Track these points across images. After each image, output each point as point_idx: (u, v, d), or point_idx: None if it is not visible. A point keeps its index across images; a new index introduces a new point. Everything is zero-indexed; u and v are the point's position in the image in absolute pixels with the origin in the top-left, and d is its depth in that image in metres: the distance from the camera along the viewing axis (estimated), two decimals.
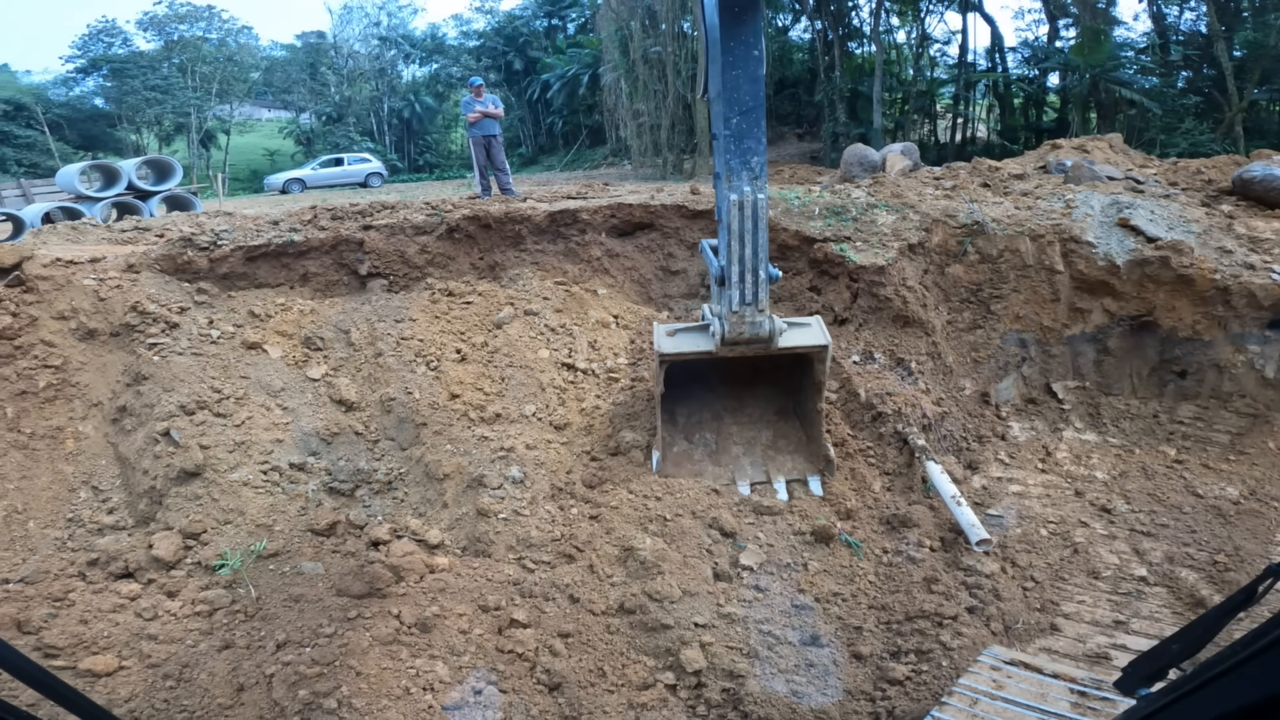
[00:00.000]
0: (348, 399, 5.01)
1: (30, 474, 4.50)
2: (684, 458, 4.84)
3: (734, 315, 4.08)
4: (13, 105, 32.44)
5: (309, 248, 5.70)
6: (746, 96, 3.83)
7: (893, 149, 9.78)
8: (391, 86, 41.08)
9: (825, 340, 4.30)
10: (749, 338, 4.14)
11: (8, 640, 3.48)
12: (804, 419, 4.88)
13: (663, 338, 4.40)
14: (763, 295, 4.05)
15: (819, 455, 4.66)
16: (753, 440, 4.94)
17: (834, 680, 3.52)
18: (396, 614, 3.73)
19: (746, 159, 3.91)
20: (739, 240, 3.92)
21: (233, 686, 3.42)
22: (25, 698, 3.00)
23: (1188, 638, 1.48)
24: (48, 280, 4.75)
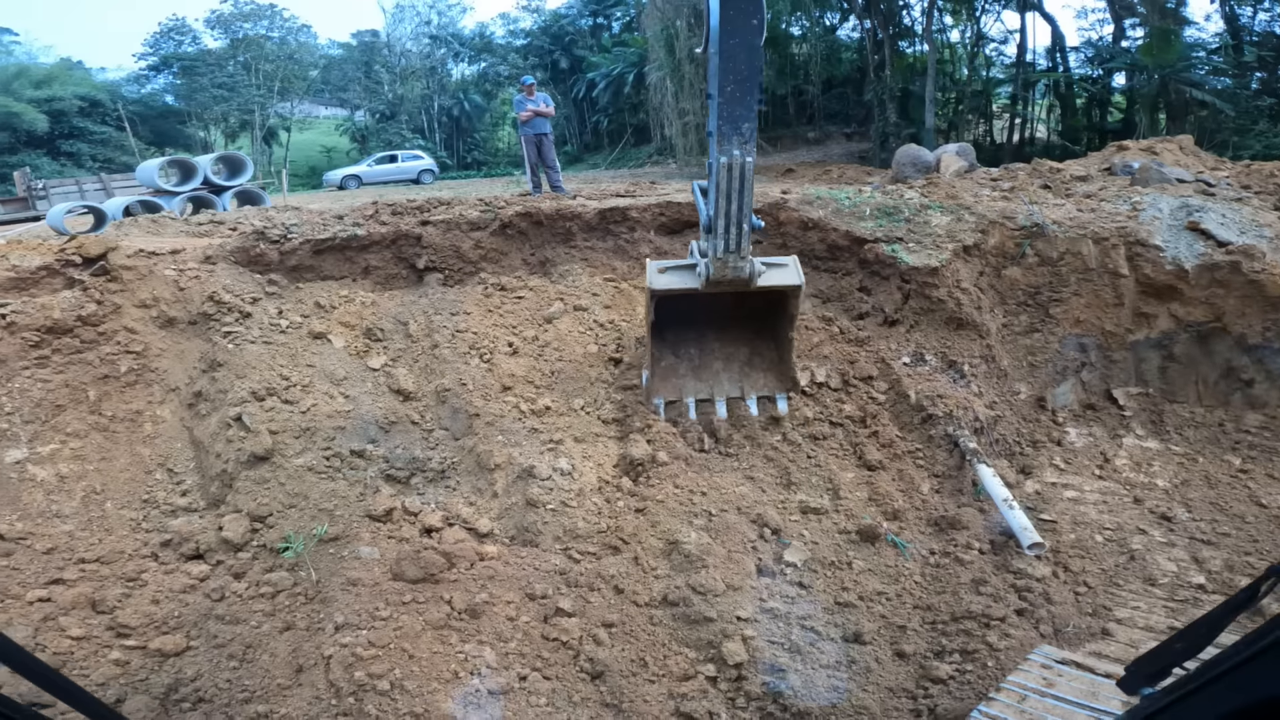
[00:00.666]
0: (405, 389, 5.19)
1: (109, 455, 4.76)
2: (670, 372, 5.39)
3: (719, 260, 4.51)
4: (89, 102, 34.12)
5: (371, 242, 5.92)
6: (742, 65, 3.95)
7: (947, 149, 9.59)
8: (441, 85, 41.86)
9: (800, 280, 4.77)
10: (731, 279, 4.59)
11: (83, 619, 3.73)
12: (778, 344, 5.39)
13: (654, 274, 4.86)
14: (745, 245, 4.47)
15: (788, 377, 5.23)
16: (732, 356, 5.48)
17: (875, 677, 3.51)
18: (448, 599, 3.83)
19: (738, 125, 4.09)
20: (726, 197, 4.25)
21: (292, 667, 3.52)
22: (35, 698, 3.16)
23: (1190, 637, 1.47)
24: (131, 270, 5.04)
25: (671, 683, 3.59)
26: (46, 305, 4.72)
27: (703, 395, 5.28)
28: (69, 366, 4.72)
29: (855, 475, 4.71)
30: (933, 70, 22.19)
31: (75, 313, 4.75)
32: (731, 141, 4.12)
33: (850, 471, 4.74)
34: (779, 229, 6.47)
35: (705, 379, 5.37)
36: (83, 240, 5.08)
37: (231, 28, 39.00)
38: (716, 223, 4.37)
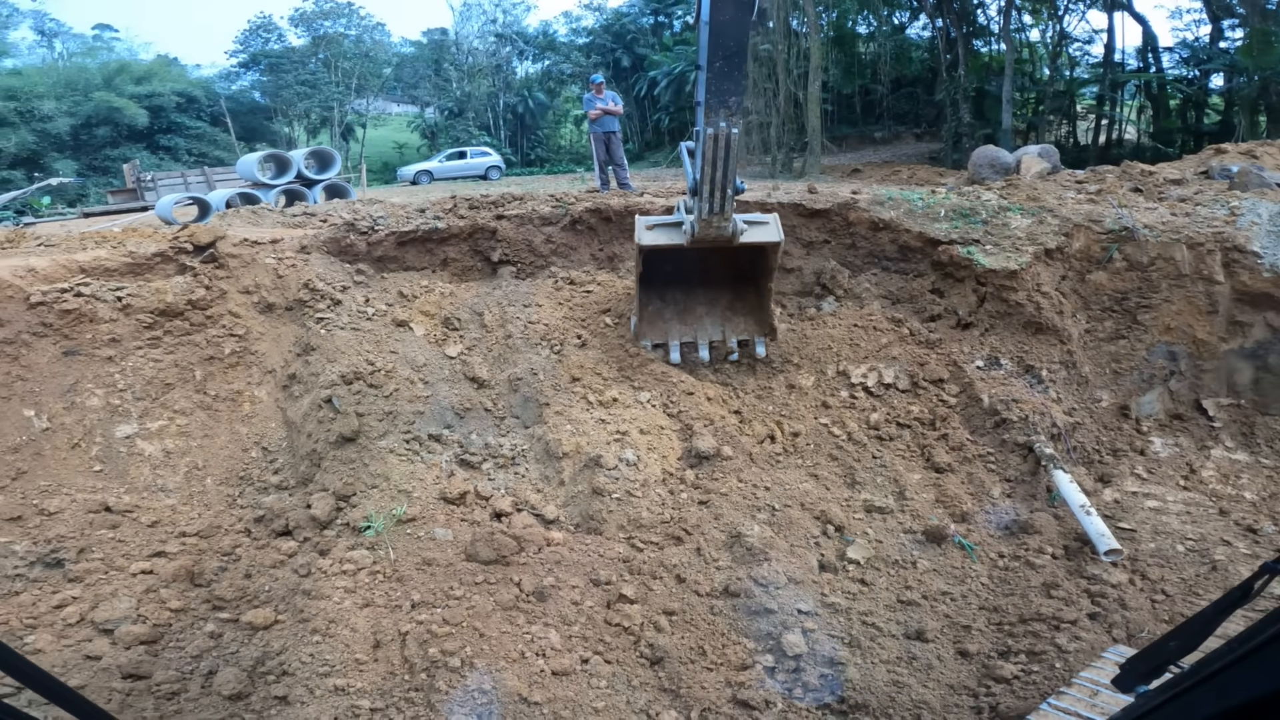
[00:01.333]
0: (479, 377, 5.40)
1: (211, 433, 5.09)
2: (656, 316, 5.79)
3: (703, 221, 4.80)
4: (185, 98, 36.24)
5: (449, 235, 6.17)
6: (731, 41, 4.02)
7: (1029, 151, 9.26)
8: (506, 82, 42.71)
9: (779, 237, 5.09)
10: (714, 237, 4.94)
11: (181, 591, 3.99)
12: (759, 293, 5.72)
13: (643, 230, 5.19)
14: (729, 207, 4.73)
15: (766, 323, 5.64)
16: (715, 300, 5.89)
17: (936, 674, 3.49)
18: (517, 582, 3.93)
19: (725, 98, 4.21)
20: (712, 165, 4.44)
21: (370, 643, 3.59)
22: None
23: (1185, 634, 1.46)
24: (236, 258, 5.41)
25: (729, 671, 3.63)
26: (160, 289, 5.12)
27: (687, 338, 5.70)
28: (179, 347, 5.11)
29: (922, 477, 4.66)
30: (1010, 70, 21.40)
31: (186, 297, 5.13)
32: (719, 114, 4.25)
33: (917, 473, 4.69)
34: (849, 229, 6.41)
35: (689, 323, 5.79)
36: (194, 229, 5.49)
37: (313, 25, 40.77)
38: (702, 188, 4.58)
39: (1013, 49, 22.44)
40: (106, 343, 4.93)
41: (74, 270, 5.06)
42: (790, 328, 5.83)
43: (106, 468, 4.76)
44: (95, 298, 4.94)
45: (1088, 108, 24.95)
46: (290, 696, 3.32)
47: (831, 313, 5.92)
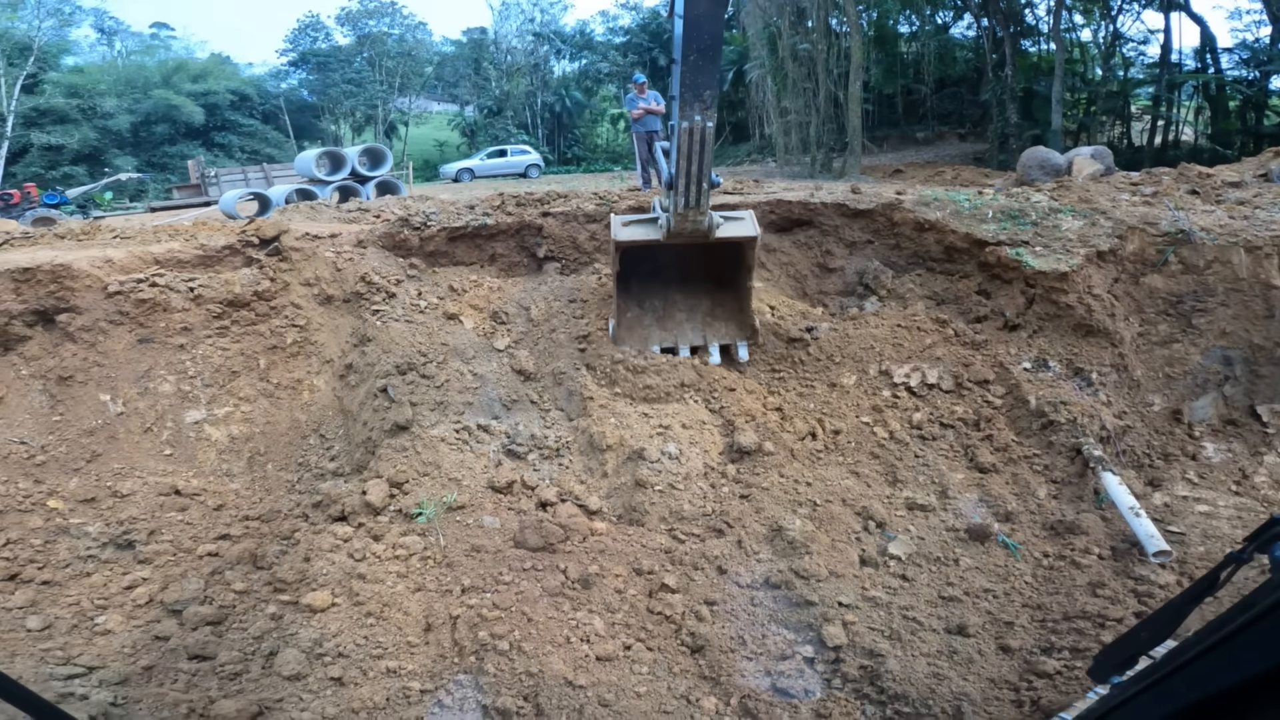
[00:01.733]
0: (526, 369, 5.55)
1: (273, 420, 5.30)
2: (635, 323, 5.69)
3: (679, 215, 4.79)
4: (238, 96, 37.46)
5: (498, 230, 6.34)
6: (706, 36, 4.05)
7: (1081, 152, 9.08)
8: (544, 81, 43.12)
9: (755, 232, 5.05)
10: (690, 231, 4.90)
11: (245, 574, 4.15)
12: (738, 294, 5.67)
13: (619, 227, 5.12)
14: (704, 201, 4.71)
15: (747, 325, 5.52)
16: (694, 307, 5.79)
17: (977, 668, 3.50)
18: (563, 569, 4.02)
19: (700, 92, 4.27)
20: (686, 158, 4.43)
21: (422, 626, 3.69)
22: None
23: (1155, 625, 1.48)
24: (299, 251, 5.66)
25: (769, 661, 3.69)
26: (229, 280, 5.39)
27: (667, 344, 5.58)
28: (244, 336, 5.36)
29: (965, 476, 4.66)
30: (1060, 70, 20.90)
31: (252, 288, 5.39)
32: (693, 107, 4.30)
33: (960, 473, 4.68)
34: (893, 230, 6.40)
35: (669, 329, 5.70)
36: (259, 223, 5.75)
37: (359, 24, 41.73)
38: (677, 181, 4.58)
39: (1063, 49, 21.90)
40: (179, 331, 5.20)
41: (149, 261, 5.36)
42: (832, 327, 5.85)
43: (176, 452, 5.02)
44: (169, 288, 5.22)
45: (1143, 108, 24.24)
46: (345, 678, 3.42)
47: (874, 312, 5.92)
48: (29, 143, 31.01)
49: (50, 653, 3.69)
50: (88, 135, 31.88)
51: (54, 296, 5.04)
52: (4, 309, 4.99)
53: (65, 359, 4.99)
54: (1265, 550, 1.29)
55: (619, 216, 5.24)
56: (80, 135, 31.61)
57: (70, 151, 31.42)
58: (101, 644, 3.78)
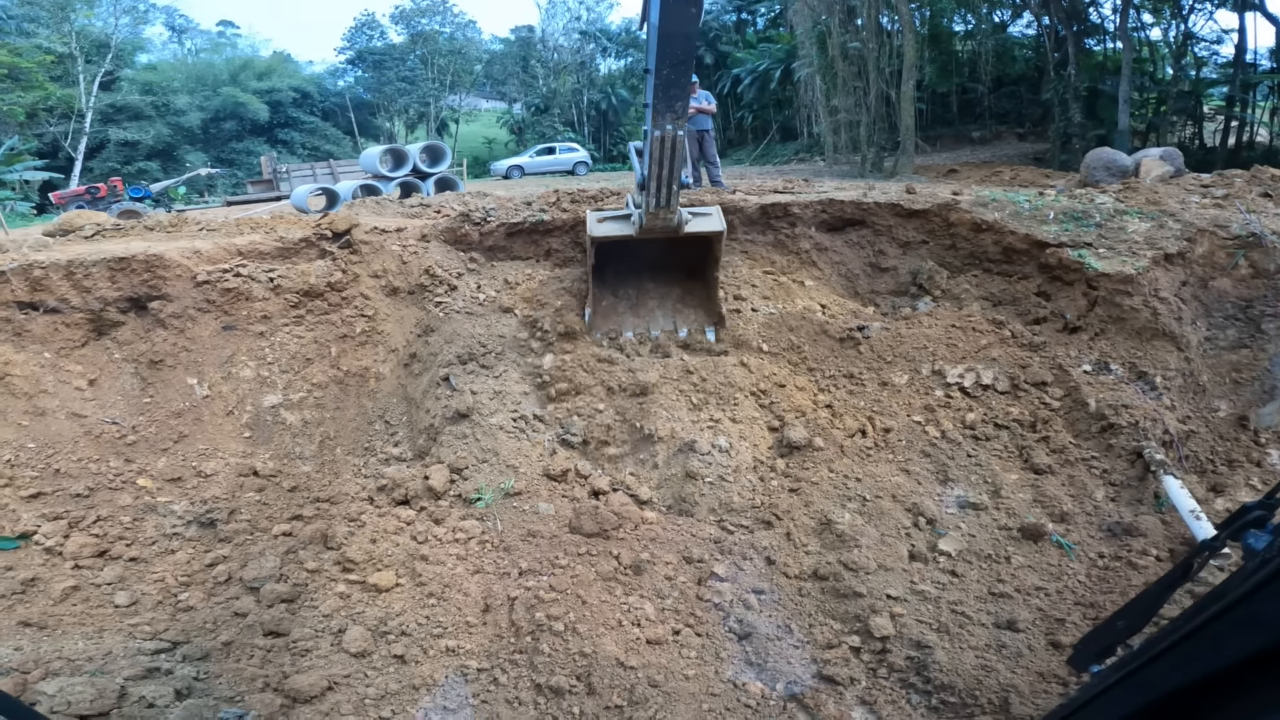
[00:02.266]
0: None
1: (342, 406, 5.57)
2: (610, 310, 6.01)
3: (650, 214, 5.15)
4: (299, 93, 38.80)
5: (553, 226, 6.52)
6: (679, 49, 4.06)
7: (1149, 153, 8.80)
8: (590, 79, 43.47)
9: (721, 227, 5.46)
10: (661, 228, 5.30)
11: (316, 553, 4.37)
12: (706, 284, 6.03)
13: (594, 224, 5.51)
14: (674, 201, 5.05)
15: (715, 312, 5.90)
16: (665, 295, 6.15)
17: (1026, 661, 3.51)
18: (615, 555, 4.14)
19: (671, 103, 4.39)
20: (659, 164, 4.71)
21: (480, 607, 3.82)
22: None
23: (1131, 614, 1.48)
24: (368, 245, 5.94)
25: (815, 650, 3.75)
26: (304, 272, 5.69)
27: (639, 329, 5.94)
28: (318, 325, 5.66)
29: (1019, 477, 4.63)
30: (1127, 69, 20.14)
31: (326, 279, 5.68)
32: (665, 117, 4.46)
33: (1014, 473, 4.66)
34: (948, 230, 6.35)
35: (642, 315, 6.04)
36: (332, 217, 6.05)
37: (412, 22, 42.77)
38: (649, 184, 4.89)
39: (1131, 48, 21.09)
40: (259, 319, 5.53)
41: (233, 253, 5.70)
42: (884, 326, 5.85)
43: (255, 434, 5.34)
44: (251, 278, 5.55)
45: (1215, 109, 23.20)
46: (407, 656, 3.57)
47: (928, 312, 5.89)
48: (106, 138, 32.70)
49: (138, 628, 3.93)
50: (161, 131, 33.48)
51: (147, 285, 5.42)
52: (100, 295, 5.39)
53: (156, 344, 5.36)
54: (1238, 538, 1.32)
55: (594, 213, 5.65)
56: (155, 131, 33.22)
57: (145, 147, 33.07)
58: (185, 620, 4.02)
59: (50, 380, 5.14)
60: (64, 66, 31.47)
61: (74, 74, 31.62)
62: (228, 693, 3.47)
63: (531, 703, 3.38)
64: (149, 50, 41.99)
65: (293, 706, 3.35)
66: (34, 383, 5.07)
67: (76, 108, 31.25)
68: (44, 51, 30.12)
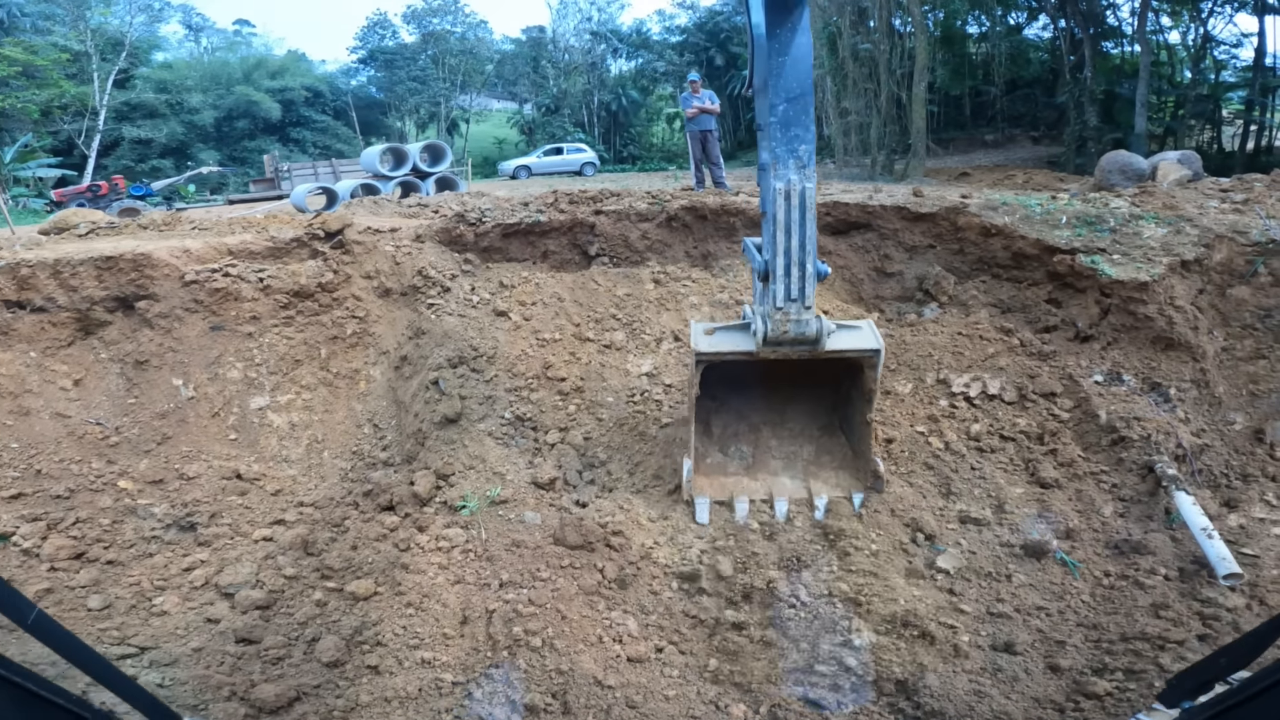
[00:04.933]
0: None
1: (331, 408, 5.46)
2: (717, 470, 4.57)
3: (778, 313, 3.79)
4: (312, 92, 38.94)
5: (550, 228, 6.39)
6: (793, 83, 3.64)
7: (1167, 156, 8.56)
8: (601, 80, 43.41)
9: (878, 344, 3.95)
10: (794, 337, 3.83)
11: (296, 559, 4.26)
12: (850, 433, 4.52)
13: (700, 336, 4.11)
14: (809, 291, 3.76)
15: (866, 471, 4.30)
16: (793, 455, 4.60)
17: (1022, 686, 3.37)
18: (600, 568, 4.00)
19: (794, 147, 3.67)
20: (785, 232, 3.69)
21: (458, 619, 3.72)
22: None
23: (1236, 652, 1.45)
24: (361, 245, 5.83)
25: (803, 670, 3.61)
26: (295, 272, 5.59)
27: (759, 495, 4.38)
28: (308, 326, 5.56)
29: (1025, 491, 4.46)
30: (1145, 72, 19.80)
31: (317, 280, 5.58)
32: (788, 165, 3.67)
33: (1020, 487, 4.48)
34: (956, 235, 6.16)
35: (760, 479, 4.50)
36: (325, 217, 5.95)
37: (423, 22, 42.88)
38: (775, 264, 3.73)
39: (1149, 51, 20.76)
40: (248, 319, 5.43)
41: (223, 252, 5.61)
42: (888, 333, 5.68)
43: (240, 437, 5.24)
44: (240, 278, 5.45)
45: (1235, 113, 22.83)
46: (381, 666, 3.49)
47: (934, 319, 5.72)
48: (120, 136, 32.97)
49: (106, 632, 3.85)
50: (175, 129, 33.69)
51: (134, 284, 5.34)
52: (87, 295, 5.31)
53: (142, 344, 5.28)
54: None
55: (699, 323, 4.25)
56: (168, 129, 33.43)
57: (158, 145, 33.29)
58: (156, 625, 3.94)
59: (35, 380, 5.06)
60: (79, 64, 31.80)
61: (89, 72, 31.92)
62: (191, 700, 3.39)
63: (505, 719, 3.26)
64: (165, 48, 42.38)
65: (257, 716, 3.27)
66: (19, 382, 5.00)
67: (91, 105, 31.54)
68: (60, 49, 30.45)
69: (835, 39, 22.85)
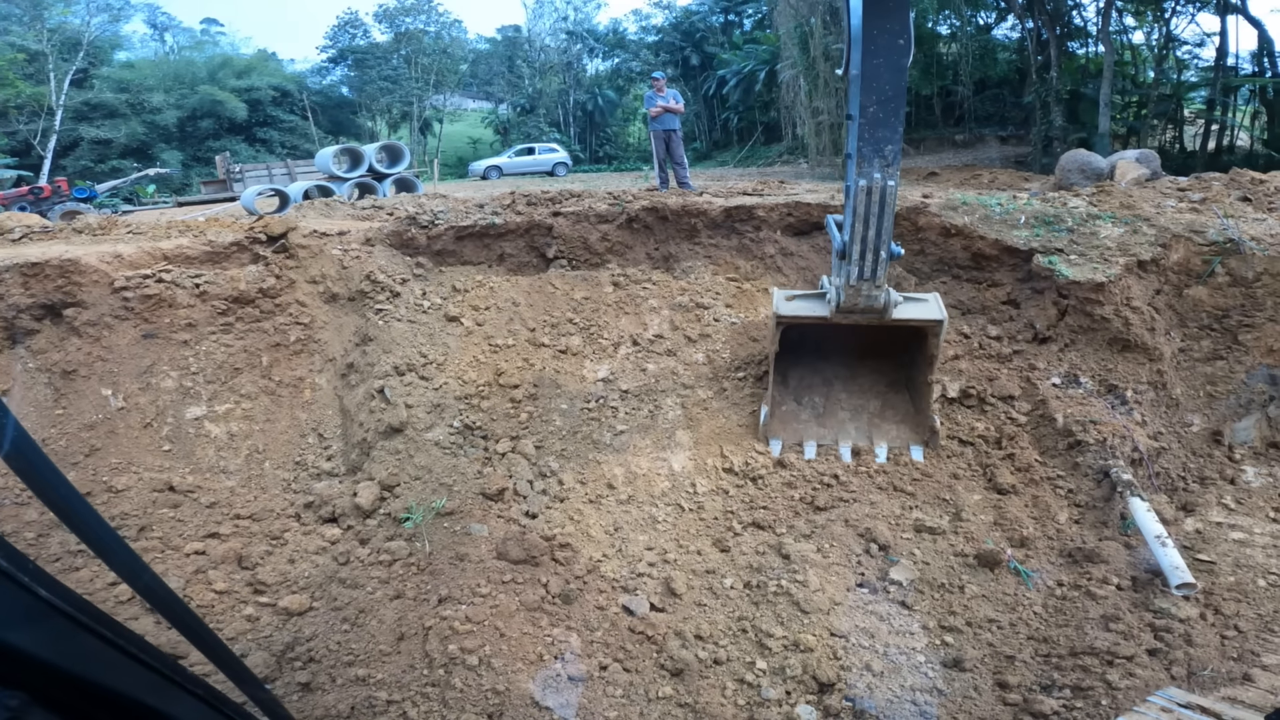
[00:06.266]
0: None
1: (273, 418, 5.25)
2: (790, 417, 5.06)
3: (851, 288, 4.27)
4: (280, 92, 38.16)
5: (507, 230, 6.21)
6: (887, 85, 3.76)
7: (1125, 155, 8.62)
8: (577, 79, 43.17)
9: (941, 315, 4.41)
10: (864, 308, 4.35)
11: (228, 574, 4.05)
12: (914, 392, 4.96)
13: (781, 301, 4.67)
14: (881, 272, 4.19)
15: (924, 426, 4.75)
16: (860, 408, 5.09)
17: (969, 705, 3.28)
18: (544, 583, 3.88)
19: (880, 147, 3.89)
20: (863, 222, 4.04)
21: (395, 635, 3.63)
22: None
23: None
24: (306, 249, 5.60)
25: (750, 690, 3.49)
26: (234, 277, 5.35)
27: (825, 440, 4.87)
28: (248, 334, 5.32)
29: (982, 498, 4.39)
30: (1109, 72, 20.07)
31: (258, 285, 5.34)
32: (873, 164, 3.91)
33: (977, 494, 4.41)
34: (917, 235, 6.10)
35: (830, 426, 4.99)
36: (268, 220, 5.71)
37: (396, 21, 42.27)
38: (851, 248, 4.13)
39: (1112, 51, 21.05)
40: (183, 327, 5.18)
41: (157, 257, 5.35)
42: None
43: (175, 448, 5.00)
44: (175, 284, 5.20)
45: (1196, 113, 23.26)
46: (313, 683, 3.37)
47: None
48: (79, 136, 32.04)
49: None
50: (135, 129, 32.78)
51: (61, 291, 5.06)
52: (13, 303, 5.03)
53: (70, 353, 5.01)
54: None
55: (781, 290, 4.81)
56: (128, 129, 32.53)
57: (118, 145, 32.38)
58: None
59: None
60: (37, 64, 30.82)
61: (46, 72, 30.95)
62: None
63: None
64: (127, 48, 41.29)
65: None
66: None
67: (47, 105, 30.61)
68: (16, 49, 29.50)
69: (807, 38, 22.90)
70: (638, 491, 4.57)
